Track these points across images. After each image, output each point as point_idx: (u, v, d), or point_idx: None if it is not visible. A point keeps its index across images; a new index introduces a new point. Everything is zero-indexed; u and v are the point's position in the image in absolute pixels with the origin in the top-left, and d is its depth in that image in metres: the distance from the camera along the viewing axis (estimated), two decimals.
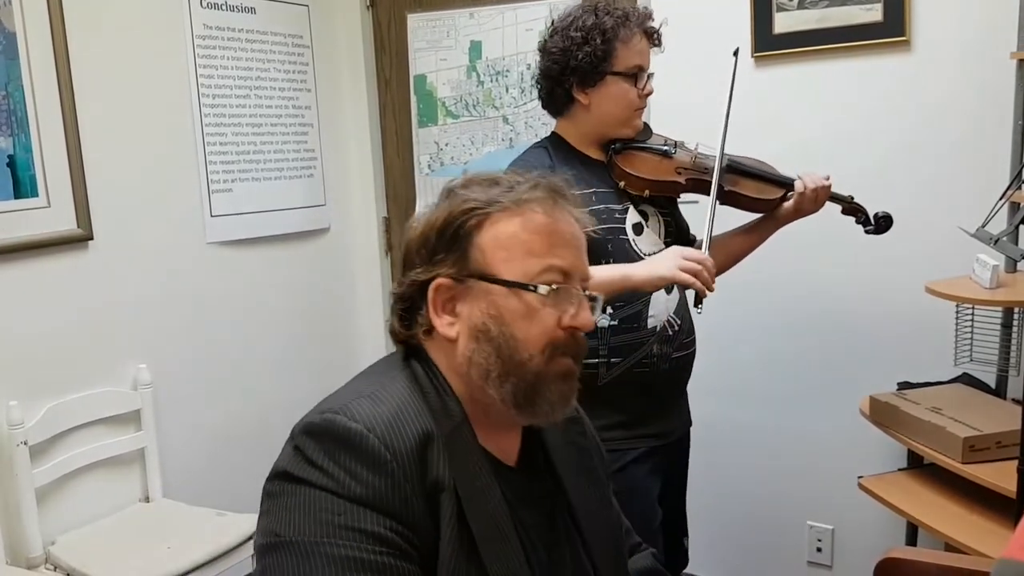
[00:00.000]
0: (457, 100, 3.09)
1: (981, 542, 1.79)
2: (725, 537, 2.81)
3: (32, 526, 2.21)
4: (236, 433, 2.83)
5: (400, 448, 0.99)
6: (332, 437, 0.99)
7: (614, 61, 1.89)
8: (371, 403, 1.03)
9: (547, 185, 1.11)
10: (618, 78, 1.90)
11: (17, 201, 2.23)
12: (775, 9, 2.47)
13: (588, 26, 1.88)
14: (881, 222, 2.07)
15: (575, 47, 1.88)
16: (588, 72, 1.89)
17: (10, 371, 2.23)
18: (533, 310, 1.06)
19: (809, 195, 1.97)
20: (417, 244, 1.11)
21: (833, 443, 2.59)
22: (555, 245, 1.08)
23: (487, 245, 1.07)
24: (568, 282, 1.08)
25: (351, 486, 0.97)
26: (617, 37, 1.88)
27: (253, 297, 2.92)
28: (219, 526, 2.37)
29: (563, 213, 1.10)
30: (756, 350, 2.67)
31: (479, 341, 1.06)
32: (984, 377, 2.25)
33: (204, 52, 2.71)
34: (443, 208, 1.10)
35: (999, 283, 2.02)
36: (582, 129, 1.97)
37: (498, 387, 1.06)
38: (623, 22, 1.90)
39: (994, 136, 2.25)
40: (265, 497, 1.04)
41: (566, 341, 1.08)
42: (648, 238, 1.96)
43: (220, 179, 2.78)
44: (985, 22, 2.25)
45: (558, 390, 1.09)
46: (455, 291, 1.08)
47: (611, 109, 1.93)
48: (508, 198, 1.08)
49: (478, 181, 1.12)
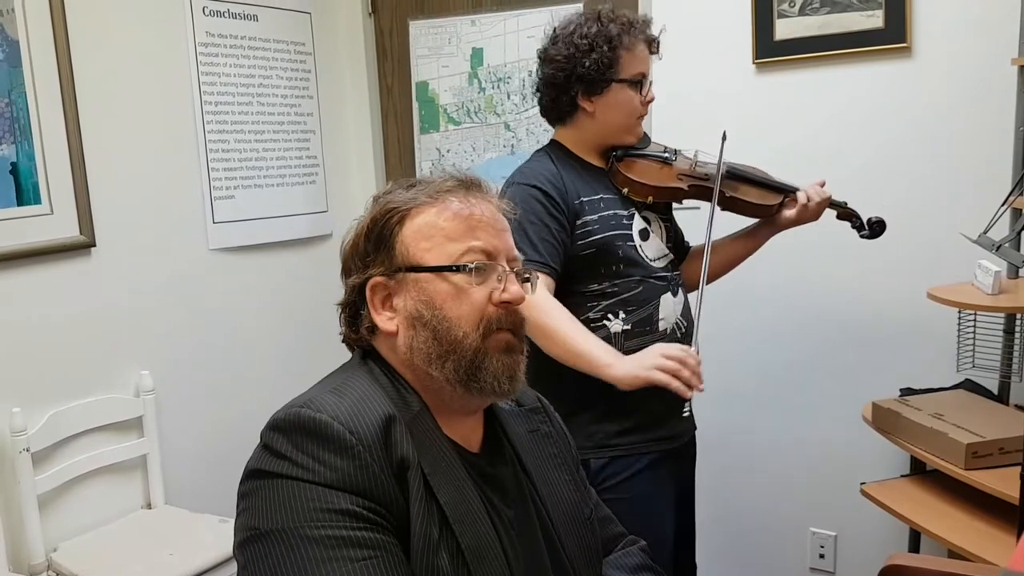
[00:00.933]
0: (459, 107, 3.10)
1: (984, 549, 1.78)
2: (728, 544, 2.80)
3: (34, 533, 2.21)
4: (238, 440, 2.81)
5: (364, 431, 1.02)
6: (298, 428, 1.03)
7: (620, 68, 1.89)
8: (334, 396, 1.08)
9: (459, 176, 1.18)
10: (623, 85, 1.91)
11: (20, 208, 2.24)
12: (776, 16, 2.48)
13: (593, 34, 1.88)
14: (875, 226, 2.11)
15: (581, 55, 1.88)
16: (594, 80, 1.89)
17: (13, 378, 2.23)
18: (461, 290, 1.11)
19: (812, 207, 2.01)
20: (351, 252, 1.18)
21: (835, 449, 2.59)
22: (473, 228, 1.13)
23: (409, 238, 1.13)
24: (492, 261, 1.13)
25: (320, 472, 1.00)
26: (622, 45, 1.89)
27: (255, 304, 2.92)
28: (221, 533, 2.36)
29: (478, 200, 1.16)
30: (758, 356, 2.67)
31: (416, 328, 1.11)
32: (986, 383, 2.25)
33: (206, 59, 2.72)
34: (369, 214, 1.17)
35: (1001, 289, 2.03)
36: (585, 136, 1.98)
37: (440, 368, 1.10)
38: (628, 29, 1.90)
39: (995, 142, 2.25)
40: (240, 499, 1.06)
41: (500, 316, 1.13)
42: (653, 243, 1.97)
43: (222, 186, 2.79)
44: (986, 28, 2.25)
45: (500, 363, 1.12)
46: (389, 287, 1.14)
47: (616, 116, 1.94)
48: (424, 193, 1.15)
49: (400, 184, 1.19)
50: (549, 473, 1.26)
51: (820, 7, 2.42)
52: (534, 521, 1.19)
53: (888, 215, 2.40)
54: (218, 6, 2.75)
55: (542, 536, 1.19)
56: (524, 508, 1.19)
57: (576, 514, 1.26)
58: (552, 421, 1.34)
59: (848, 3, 2.38)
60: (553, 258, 1.83)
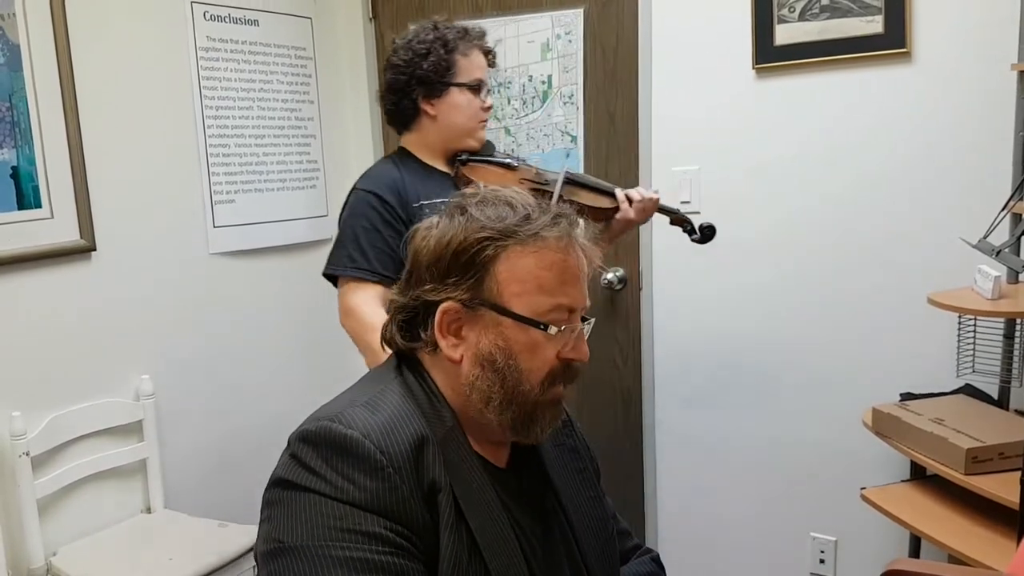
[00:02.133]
0: None
1: (984, 554, 1.78)
2: (728, 549, 2.80)
3: (34, 537, 2.21)
4: (238, 444, 2.83)
5: (395, 452, 1.01)
6: (328, 443, 1.02)
7: (457, 72, 2.03)
8: (366, 410, 1.06)
9: (563, 220, 1.12)
10: (462, 89, 2.04)
11: (20, 212, 2.24)
12: (776, 21, 2.48)
13: (430, 40, 2.02)
14: (705, 231, 2.23)
15: (419, 58, 2.01)
16: (433, 82, 2.02)
17: (13, 382, 2.23)
18: (538, 345, 1.09)
19: (636, 206, 2.12)
20: (428, 260, 1.11)
21: (836, 454, 2.59)
22: (565, 283, 1.10)
23: (502, 277, 1.08)
24: (571, 318, 1.12)
25: (349, 491, 0.99)
26: (458, 50, 2.03)
27: (256, 308, 2.92)
28: (221, 537, 2.36)
29: (575, 249, 1.12)
30: (757, 361, 2.66)
31: (484, 368, 1.09)
32: (987, 388, 2.25)
33: (207, 64, 2.72)
34: (459, 229, 1.10)
35: (1001, 294, 2.02)
36: (428, 140, 2.09)
37: (498, 414, 1.10)
38: (463, 36, 2.05)
39: (995, 147, 2.25)
40: (265, 505, 1.05)
41: (562, 371, 1.13)
42: None
43: (223, 190, 2.79)
44: (986, 33, 2.25)
45: (550, 415, 1.13)
46: (463, 316, 1.10)
47: (456, 119, 2.05)
48: (525, 231, 1.09)
49: (493, 201, 1.12)
50: (575, 489, 1.25)
51: (820, 12, 2.42)
52: (559, 538, 1.19)
53: (888, 220, 2.42)
54: (219, 11, 2.75)
55: (566, 554, 1.19)
56: (550, 525, 1.19)
57: (600, 531, 1.26)
58: (576, 434, 1.33)
59: (848, 8, 2.38)
60: (384, 265, 1.94)
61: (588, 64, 2.82)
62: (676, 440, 2.81)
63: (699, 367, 2.72)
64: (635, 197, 2.11)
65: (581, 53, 2.82)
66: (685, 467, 2.81)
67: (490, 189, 1.16)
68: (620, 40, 2.76)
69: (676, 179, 2.66)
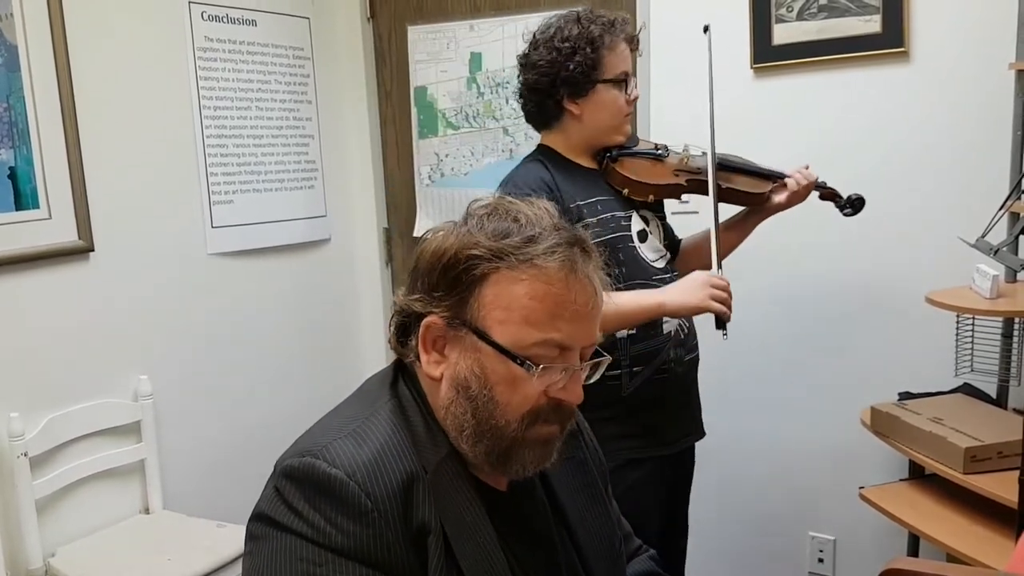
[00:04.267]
0: (457, 111, 3.10)
1: (983, 553, 1.78)
2: (727, 548, 2.80)
3: (32, 538, 2.21)
4: (236, 444, 2.83)
5: (381, 494, 0.96)
6: (312, 483, 0.97)
7: (604, 69, 1.90)
8: (352, 443, 1.00)
9: (567, 248, 1.02)
10: (608, 85, 1.91)
11: (18, 213, 2.24)
12: (774, 20, 2.48)
13: (575, 36, 1.88)
14: (855, 203, 2.14)
15: (564, 58, 1.88)
16: (579, 82, 1.89)
17: (11, 382, 2.23)
18: (518, 379, 1.01)
19: (801, 191, 2.04)
20: (423, 268, 1.05)
21: (834, 453, 2.59)
22: (557, 317, 1.01)
23: (487, 300, 1.01)
24: (564, 355, 1.02)
25: (332, 535, 0.95)
26: (604, 45, 1.89)
27: (254, 308, 2.92)
28: (219, 538, 2.36)
29: (578, 281, 1.02)
30: (756, 360, 2.66)
31: (458, 393, 1.03)
32: (985, 387, 2.25)
33: (205, 64, 2.72)
34: (455, 240, 1.03)
35: (999, 293, 2.02)
36: (573, 139, 1.98)
37: (471, 445, 1.03)
38: (609, 29, 1.90)
39: (993, 146, 2.25)
40: (248, 538, 1.03)
41: (550, 409, 1.04)
42: (651, 244, 1.97)
43: (221, 190, 2.79)
44: (983, 32, 2.26)
45: (533, 455, 1.05)
46: (446, 334, 1.04)
47: (603, 117, 1.94)
48: (521, 254, 1.00)
49: (500, 214, 1.05)
50: (583, 506, 1.19)
51: (818, 12, 2.42)
52: (563, 564, 1.14)
53: (886, 219, 2.41)
54: (217, 11, 2.75)
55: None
56: (553, 550, 1.14)
57: (608, 550, 1.21)
58: (585, 444, 1.26)
59: (846, 8, 2.39)
60: None
61: None
62: None
63: None
64: (801, 181, 2.02)
65: None
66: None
67: (508, 200, 1.08)
68: None
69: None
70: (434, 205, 3.20)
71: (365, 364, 3.30)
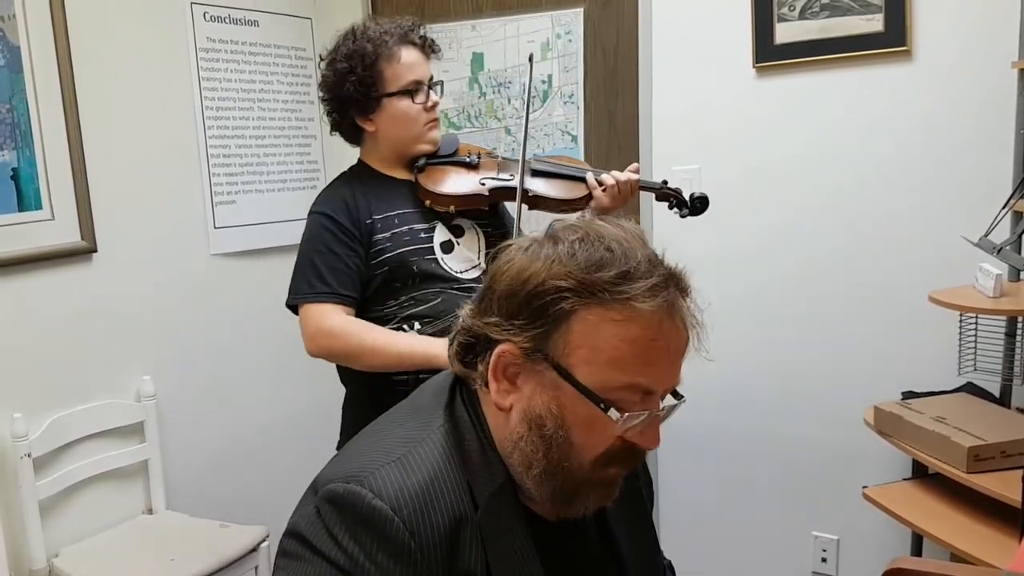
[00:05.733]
0: (459, 111, 3.10)
1: (986, 552, 1.78)
2: (730, 547, 2.80)
3: (36, 538, 2.21)
4: (239, 445, 2.83)
5: (427, 535, 0.92)
6: (355, 514, 0.93)
7: (384, 83, 1.87)
8: (400, 472, 0.95)
9: (666, 287, 0.95)
10: (395, 98, 1.88)
11: (21, 214, 2.24)
12: (776, 19, 2.48)
13: (349, 53, 1.86)
14: (696, 203, 2.03)
15: (341, 79, 1.86)
16: (362, 100, 1.87)
17: (14, 383, 2.24)
18: (597, 422, 0.95)
19: (610, 192, 1.95)
20: (502, 291, 0.98)
21: (837, 453, 2.58)
22: (647, 364, 0.95)
23: (574, 337, 0.94)
24: (646, 400, 0.96)
25: (369, 570, 0.91)
26: (380, 58, 1.86)
27: (257, 308, 2.92)
28: (222, 537, 2.36)
29: (673, 324, 0.96)
30: (759, 360, 2.66)
31: (531, 429, 0.97)
32: (988, 386, 2.24)
33: (207, 65, 2.72)
34: (542, 266, 0.95)
35: (1002, 292, 2.02)
36: (379, 153, 1.96)
37: (537, 484, 0.99)
38: (381, 43, 1.86)
39: (996, 145, 2.24)
40: (281, 553, 1.00)
41: (622, 453, 0.99)
42: (459, 255, 1.93)
43: (223, 191, 2.79)
44: (986, 31, 2.25)
45: (596, 495, 1.01)
46: (522, 365, 0.97)
47: (397, 130, 1.92)
48: (616, 292, 0.92)
49: (594, 240, 0.96)
50: (636, 538, 1.15)
51: (820, 11, 2.42)
52: None
53: (889, 218, 2.41)
54: (219, 11, 2.75)
55: None
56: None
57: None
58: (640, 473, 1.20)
59: (848, 7, 2.38)
60: (346, 286, 1.83)
61: (588, 64, 2.82)
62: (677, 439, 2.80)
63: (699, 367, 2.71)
64: (608, 182, 1.93)
65: (581, 53, 2.82)
66: (686, 466, 2.81)
67: (597, 223, 0.99)
68: (620, 39, 2.76)
69: (676, 178, 2.65)
70: None
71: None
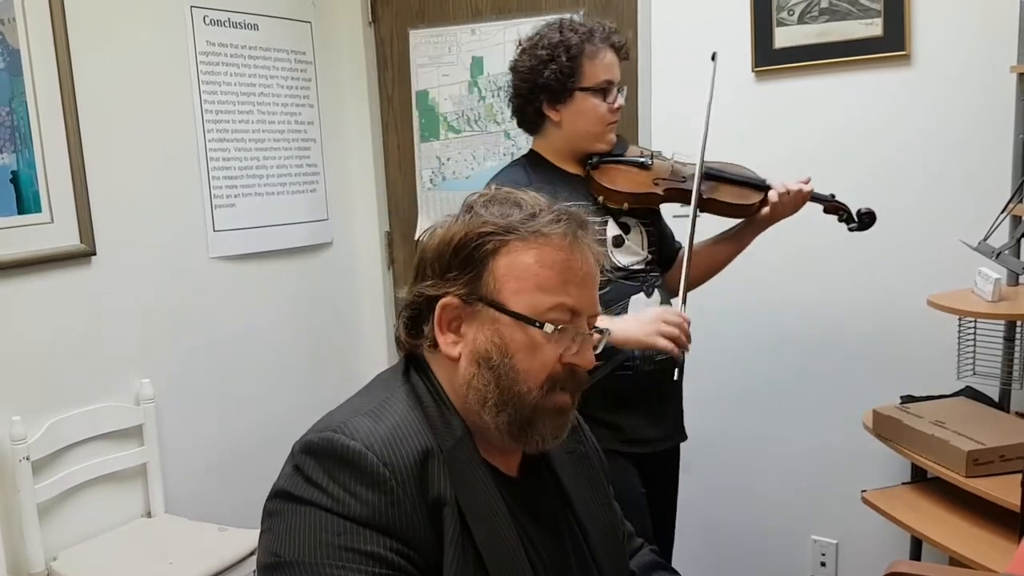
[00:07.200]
0: (459, 115, 3.11)
1: (985, 556, 1.78)
2: (729, 552, 2.80)
3: (34, 541, 2.21)
4: (239, 448, 2.83)
5: (399, 464, 0.99)
6: (331, 456, 1.00)
7: (581, 77, 1.92)
8: (370, 420, 1.04)
9: (568, 219, 1.09)
10: (587, 93, 1.94)
11: (20, 217, 2.24)
12: (775, 24, 2.48)
13: (554, 43, 1.92)
14: (864, 218, 2.08)
15: (542, 65, 1.92)
16: (556, 89, 1.93)
17: (13, 386, 2.23)
18: (536, 344, 1.06)
19: (786, 200, 1.99)
20: (432, 256, 1.10)
21: (836, 457, 2.59)
22: (567, 282, 1.07)
23: (500, 273, 1.07)
24: (575, 320, 1.09)
25: (351, 505, 0.98)
26: (583, 53, 1.92)
27: (256, 312, 2.92)
28: (221, 541, 2.36)
29: (580, 249, 1.09)
30: (758, 363, 2.66)
31: (480, 367, 1.07)
32: (987, 390, 2.25)
33: (207, 68, 2.73)
34: (461, 225, 1.09)
35: (1001, 296, 2.03)
36: (556, 145, 2.01)
37: (494, 415, 1.07)
38: (588, 38, 1.93)
39: (995, 149, 2.25)
40: (266, 516, 1.04)
41: (565, 376, 1.09)
42: (628, 250, 1.98)
43: (223, 194, 2.79)
44: (985, 36, 2.26)
45: (551, 424, 1.10)
46: (462, 312, 1.08)
47: (582, 124, 1.97)
48: (527, 227, 1.07)
49: (500, 200, 1.11)
50: (587, 496, 1.24)
51: (819, 15, 2.42)
52: (570, 547, 1.17)
53: (888, 222, 2.40)
54: (219, 15, 2.76)
55: (578, 562, 1.18)
56: (561, 533, 1.17)
57: (612, 539, 1.25)
58: (586, 439, 1.31)
59: (847, 11, 2.39)
60: None
61: None
62: None
63: (698, 370, 2.72)
64: (793, 188, 1.99)
65: None
66: (685, 470, 2.81)
67: (503, 189, 1.14)
68: None
69: None
70: (435, 208, 3.20)
71: (367, 367, 3.30)
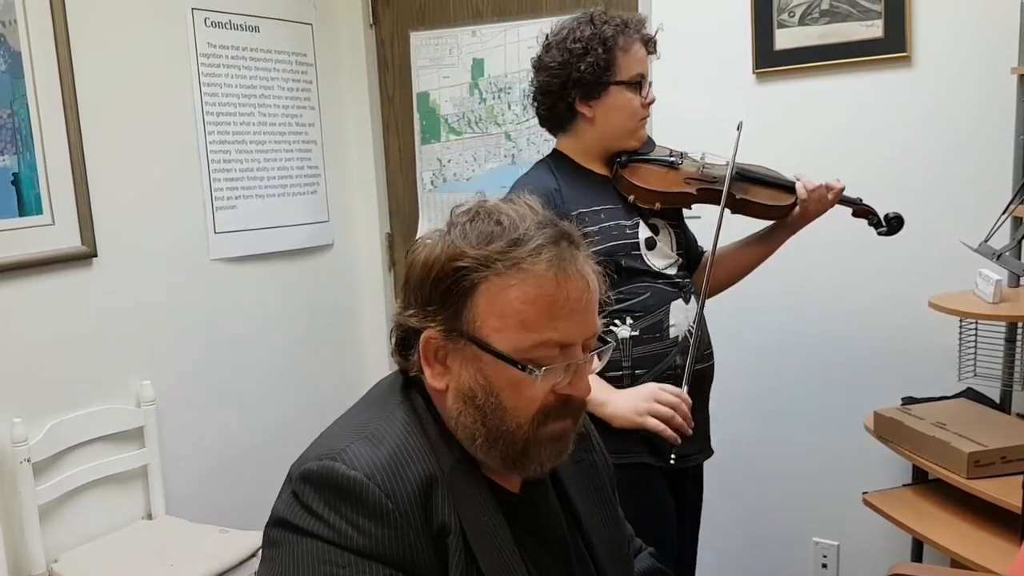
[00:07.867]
0: (460, 117, 3.11)
1: (986, 558, 1.78)
2: (730, 553, 2.79)
3: (35, 543, 2.21)
4: (239, 450, 2.83)
5: (401, 494, 0.97)
6: (331, 487, 0.97)
7: (617, 70, 1.86)
8: (369, 446, 1.00)
9: (552, 247, 1.01)
10: (621, 87, 1.88)
11: (22, 219, 2.24)
12: (776, 25, 2.48)
13: (587, 36, 1.85)
14: (892, 222, 2.05)
15: (575, 59, 1.85)
16: (591, 83, 1.86)
17: (14, 388, 2.23)
18: (522, 383, 1.01)
19: (814, 198, 1.95)
20: (415, 283, 1.05)
21: (838, 459, 2.58)
22: (554, 317, 1.00)
23: (481, 310, 1.00)
24: (565, 353, 1.02)
25: (354, 537, 0.95)
26: (617, 45, 1.86)
27: (257, 313, 2.92)
28: (222, 543, 2.36)
29: (568, 278, 1.01)
30: (760, 365, 2.66)
31: (466, 404, 1.03)
32: (988, 392, 2.24)
33: (208, 70, 2.73)
34: (441, 250, 1.02)
35: (1002, 298, 2.03)
36: (586, 143, 1.94)
37: (485, 451, 1.04)
38: (622, 30, 1.87)
39: (995, 151, 2.25)
40: (266, 544, 1.02)
41: (559, 406, 1.04)
42: (660, 252, 1.93)
43: (224, 196, 2.79)
44: (985, 37, 2.26)
45: (550, 451, 1.06)
46: (446, 347, 1.03)
47: (616, 120, 1.90)
48: (507, 260, 0.99)
49: (484, 216, 1.04)
50: (595, 509, 1.20)
51: (820, 17, 2.42)
52: (576, 563, 1.15)
53: None
54: (219, 17, 2.76)
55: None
56: (567, 550, 1.14)
57: (619, 553, 1.22)
58: (595, 447, 1.27)
59: (848, 13, 2.39)
60: None
61: None
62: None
63: None
64: (816, 182, 1.95)
65: None
66: None
67: (487, 202, 1.08)
68: None
69: None
70: (436, 210, 3.20)
71: (367, 369, 3.30)
